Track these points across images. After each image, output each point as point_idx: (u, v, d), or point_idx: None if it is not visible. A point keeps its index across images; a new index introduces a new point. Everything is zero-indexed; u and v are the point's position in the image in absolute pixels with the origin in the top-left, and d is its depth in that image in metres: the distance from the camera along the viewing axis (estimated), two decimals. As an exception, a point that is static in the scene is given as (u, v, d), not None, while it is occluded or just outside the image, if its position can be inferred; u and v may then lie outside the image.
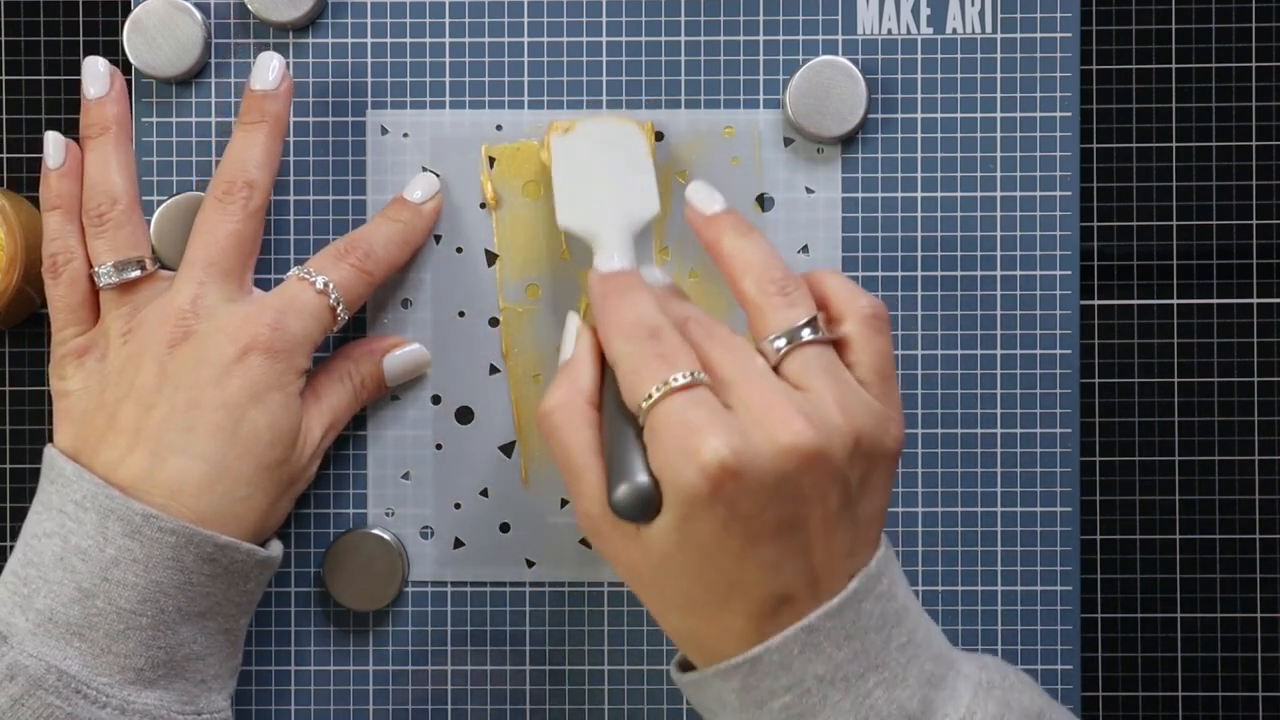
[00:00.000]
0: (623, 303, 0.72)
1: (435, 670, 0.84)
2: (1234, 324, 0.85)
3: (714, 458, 0.67)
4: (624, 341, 0.71)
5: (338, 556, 0.84)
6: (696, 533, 0.68)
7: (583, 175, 0.81)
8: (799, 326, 0.71)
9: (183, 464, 0.76)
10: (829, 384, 0.70)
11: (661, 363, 0.69)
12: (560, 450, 0.71)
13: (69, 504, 0.76)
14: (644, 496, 0.68)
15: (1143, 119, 0.86)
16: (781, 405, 0.68)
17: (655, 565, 0.70)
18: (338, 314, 0.80)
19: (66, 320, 0.80)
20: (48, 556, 0.76)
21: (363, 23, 0.84)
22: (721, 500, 0.67)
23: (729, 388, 0.69)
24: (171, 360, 0.78)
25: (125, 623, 0.75)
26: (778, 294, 0.71)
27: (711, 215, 0.75)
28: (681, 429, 0.68)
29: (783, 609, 0.69)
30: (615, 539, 0.71)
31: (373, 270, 0.81)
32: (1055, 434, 0.84)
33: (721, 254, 0.73)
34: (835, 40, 0.84)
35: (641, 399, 0.69)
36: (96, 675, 0.75)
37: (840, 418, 0.69)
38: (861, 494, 0.70)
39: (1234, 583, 0.86)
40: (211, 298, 0.79)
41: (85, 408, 0.79)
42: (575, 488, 0.71)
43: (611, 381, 0.72)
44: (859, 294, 0.73)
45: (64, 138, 0.80)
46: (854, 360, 0.72)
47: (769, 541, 0.68)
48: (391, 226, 0.82)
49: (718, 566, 0.69)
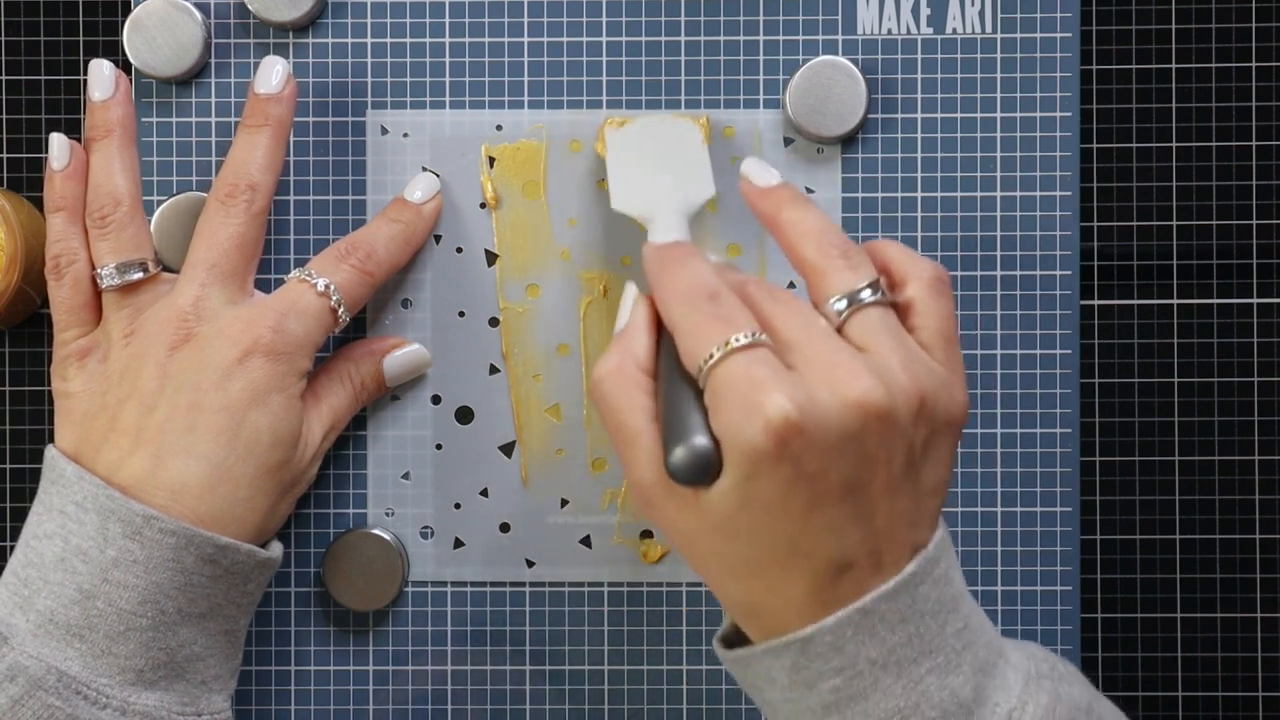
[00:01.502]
0: (680, 269, 0.71)
1: (435, 670, 0.84)
2: (1234, 324, 0.85)
3: (779, 413, 0.66)
4: (682, 304, 0.70)
5: (338, 556, 0.84)
6: (760, 493, 0.67)
7: (637, 162, 0.80)
8: (860, 289, 0.70)
9: (184, 465, 0.76)
10: (893, 345, 0.69)
11: (722, 324, 0.68)
12: (612, 417, 0.70)
13: (70, 505, 0.76)
14: (704, 458, 0.67)
15: (1143, 119, 0.86)
16: (847, 362, 0.67)
17: (714, 529, 0.68)
18: (339, 316, 0.80)
19: (69, 321, 0.80)
20: (48, 557, 0.76)
21: (363, 23, 0.84)
22: (786, 458, 0.66)
23: (792, 348, 0.68)
24: (173, 362, 0.78)
25: (125, 624, 0.75)
26: (839, 257, 0.71)
27: (767, 187, 0.74)
28: (744, 385, 0.67)
29: (843, 577, 0.68)
30: (670, 506, 0.69)
31: (374, 271, 0.81)
32: (1055, 434, 0.84)
33: (780, 224, 0.73)
34: (835, 40, 0.84)
35: (702, 360, 0.68)
36: (97, 676, 0.75)
37: (905, 377, 0.68)
38: (924, 460, 0.69)
39: (1234, 583, 0.86)
40: (213, 300, 0.79)
41: (86, 409, 0.79)
42: (628, 454, 0.70)
43: (668, 347, 0.70)
44: (920, 259, 0.72)
45: (69, 139, 0.80)
46: (917, 324, 0.71)
47: (833, 503, 0.67)
48: (393, 227, 0.82)
49: (780, 529, 0.67)
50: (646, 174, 0.80)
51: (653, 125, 0.82)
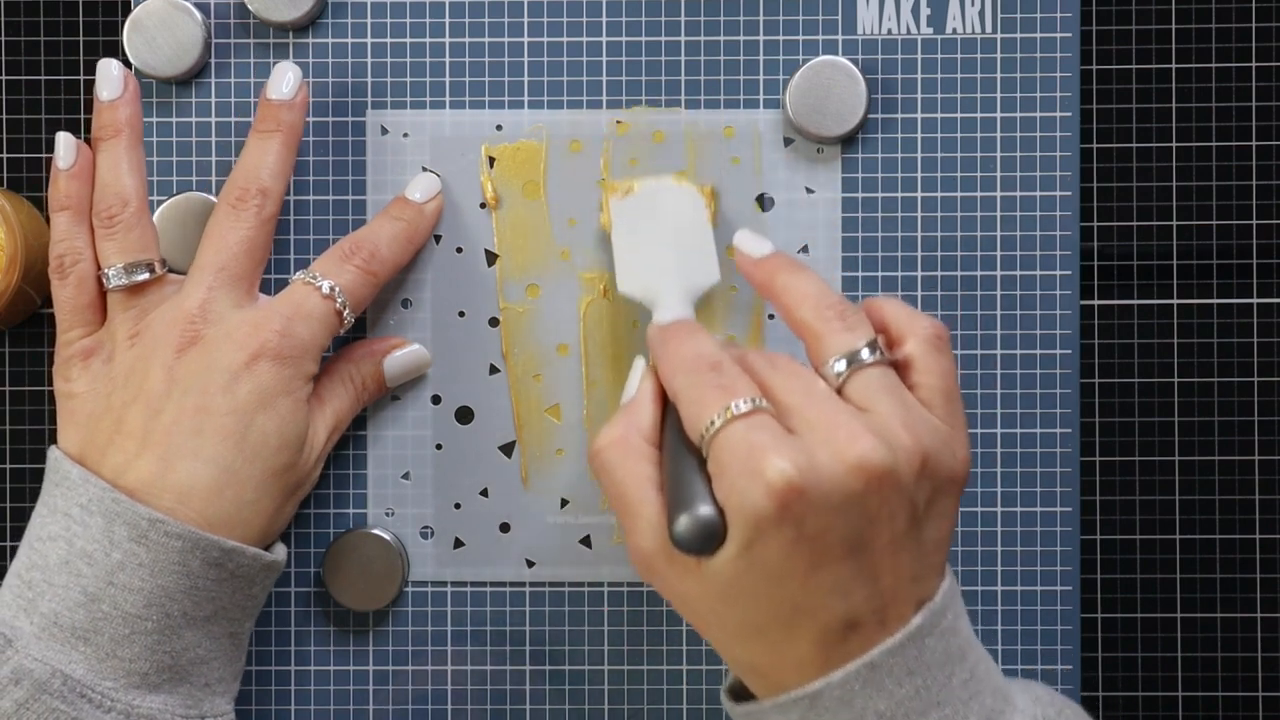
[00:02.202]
0: (682, 342, 0.72)
1: (435, 670, 0.84)
2: (1234, 324, 0.85)
3: (780, 476, 0.66)
4: (684, 375, 0.70)
5: (338, 556, 0.84)
6: (763, 557, 0.67)
7: (643, 241, 0.80)
8: (859, 349, 0.70)
9: (191, 468, 0.76)
10: (893, 404, 0.69)
11: (723, 392, 0.69)
12: (614, 486, 0.71)
13: (74, 507, 0.76)
14: (708, 527, 0.67)
15: (1143, 119, 0.85)
16: (847, 424, 0.68)
17: (718, 595, 0.69)
18: (344, 317, 0.80)
19: (72, 321, 0.80)
20: (53, 560, 0.76)
21: (363, 23, 0.84)
22: (789, 520, 0.67)
23: (792, 412, 0.69)
24: (180, 365, 0.78)
25: (130, 627, 0.75)
26: (836, 319, 0.71)
27: (762, 257, 0.75)
28: (745, 451, 0.67)
29: (850, 636, 0.68)
30: (672, 574, 0.70)
31: (378, 271, 0.81)
32: (1055, 434, 0.84)
33: (776, 290, 0.73)
34: (835, 40, 0.84)
35: (704, 428, 0.68)
36: (101, 679, 0.75)
37: (907, 437, 0.68)
38: (928, 517, 0.70)
39: (1234, 583, 0.86)
40: (220, 303, 0.79)
41: (91, 410, 0.79)
42: (630, 523, 0.70)
43: (673, 417, 0.71)
44: (919, 316, 0.72)
45: (75, 139, 0.80)
46: (917, 381, 0.71)
47: (836, 563, 0.68)
48: (395, 225, 0.82)
49: (784, 590, 0.68)
50: (651, 253, 0.80)
51: (657, 193, 0.82)
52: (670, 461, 0.70)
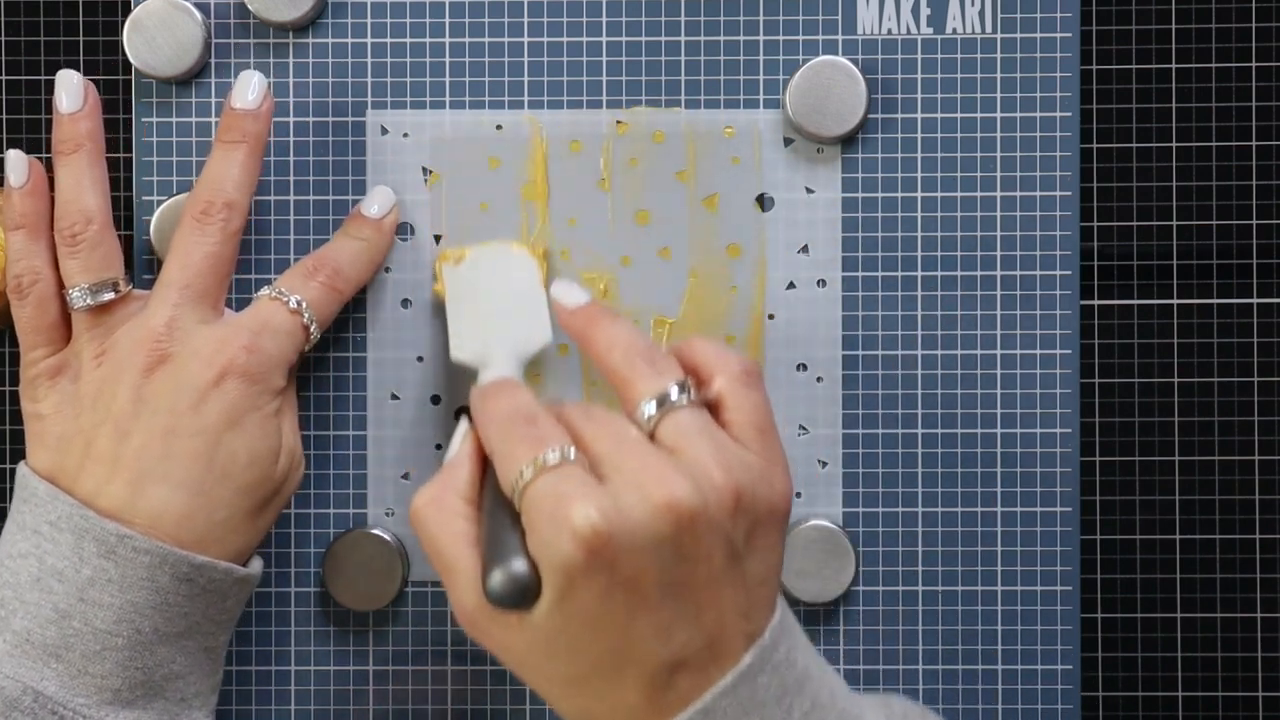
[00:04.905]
0: (500, 399, 0.71)
1: (435, 670, 0.84)
2: (1234, 324, 0.85)
3: (585, 523, 0.66)
4: (498, 429, 0.70)
5: (338, 556, 0.84)
6: (580, 606, 0.67)
7: (474, 306, 0.81)
8: (668, 391, 0.70)
9: (162, 493, 0.76)
10: (704, 443, 0.69)
11: (533, 444, 0.68)
12: (430, 545, 0.70)
13: (44, 524, 0.76)
14: (520, 581, 0.67)
15: (1143, 119, 0.86)
16: (655, 466, 0.67)
17: (541, 649, 0.68)
18: (310, 333, 0.80)
19: (35, 341, 0.79)
20: (24, 577, 0.75)
21: (363, 23, 0.84)
22: (599, 567, 0.66)
23: (603, 460, 0.68)
24: (147, 385, 0.77)
25: (101, 643, 0.75)
26: (644, 364, 0.71)
27: (576, 308, 0.74)
28: (552, 502, 0.67)
29: (677, 678, 0.68)
30: (496, 630, 0.69)
31: (342, 289, 0.81)
32: (1055, 434, 0.84)
33: (589, 339, 0.73)
34: (835, 40, 0.84)
35: (514, 480, 0.68)
36: (74, 696, 0.75)
37: (718, 475, 0.68)
38: (749, 552, 0.69)
39: (1234, 583, 0.86)
40: (186, 320, 0.78)
41: (60, 432, 0.78)
42: (448, 581, 0.70)
43: (492, 474, 0.71)
44: (727, 354, 0.72)
45: (26, 155, 0.79)
46: (729, 419, 0.71)
47: (655, 606, 0.67)
48: (355, 245, 0.82)
49: (606, 638, 0.67)
50: (483, 318, 0.81)
51: (489, 259, 0.83)
52: (488, 518, 0.70)
